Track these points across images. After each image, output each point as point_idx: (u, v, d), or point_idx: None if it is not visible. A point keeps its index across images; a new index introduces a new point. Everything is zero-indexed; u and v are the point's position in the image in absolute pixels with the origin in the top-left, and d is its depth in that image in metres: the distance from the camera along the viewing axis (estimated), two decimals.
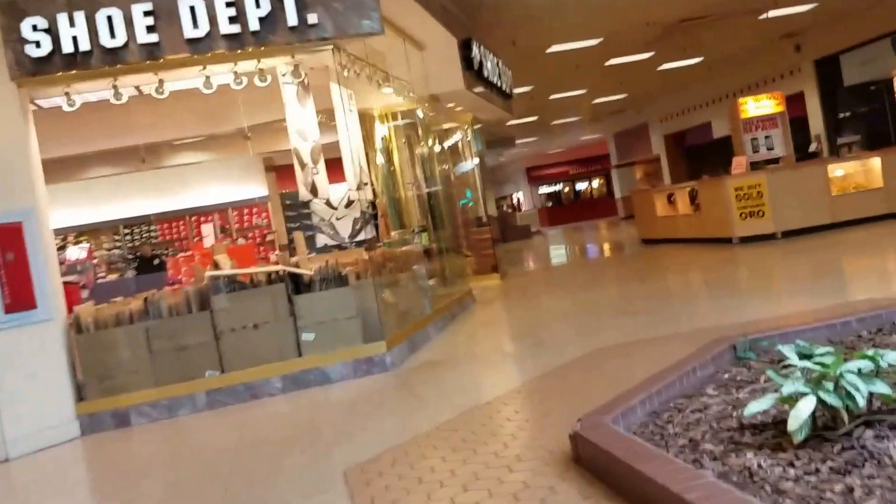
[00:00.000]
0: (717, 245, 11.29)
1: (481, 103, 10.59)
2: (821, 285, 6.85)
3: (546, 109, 23.81)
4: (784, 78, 19.16)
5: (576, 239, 22.40)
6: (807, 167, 10.86)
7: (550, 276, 12.22)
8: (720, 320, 5.67)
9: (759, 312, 5.77)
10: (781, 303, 6.21)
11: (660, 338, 5.34)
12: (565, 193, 40.58)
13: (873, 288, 6.31)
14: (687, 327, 5.65)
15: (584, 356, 5.11)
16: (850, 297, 6.01)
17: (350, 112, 7.66)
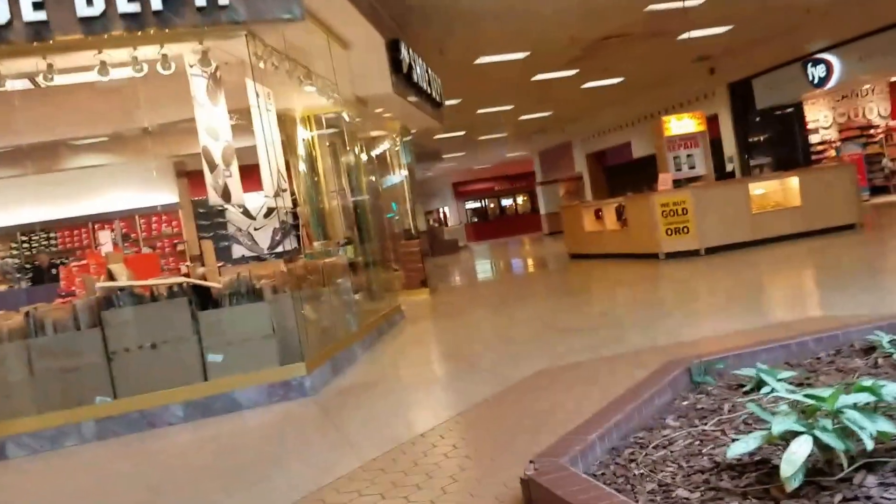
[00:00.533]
0: (643, 260, 11.09)
1: (410, 110, 10.04)
2: (756, 302, 6.60)
3: (474, 124, 23.54)
4: (700, 101, 19.53)
5: (503, 254, 22.12)
6: (729, 185, 10.82)
7: (481, 291, 11.75)
8: (661, 339, 5.27)
9: (699, 330, 5.41)
10: (719, 320, 5.89)
11: (603, 359, 4.87)
12: (491, 209, 40.53)
13: (810, 306, 6.09)
14: (628, 347, 5.22)
15: (526, 380, 4.59)
16: (790, 314, 5.74)
17: (268, 112, 6.97)
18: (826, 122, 17.88)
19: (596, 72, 17.46)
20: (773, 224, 10.48)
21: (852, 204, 10.53)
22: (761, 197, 10.68)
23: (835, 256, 8.78)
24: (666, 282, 9.13)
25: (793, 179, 10.62)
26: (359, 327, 7.40)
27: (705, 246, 10.46)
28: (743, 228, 10.46)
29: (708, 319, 6.02)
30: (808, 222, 10.47)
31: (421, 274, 11.42)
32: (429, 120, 11.32)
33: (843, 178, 10.56)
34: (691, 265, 9.93)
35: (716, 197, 10.51)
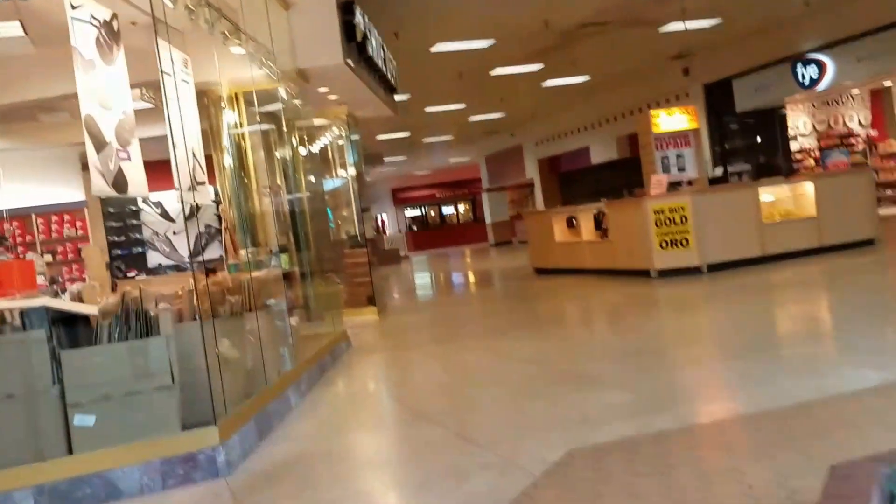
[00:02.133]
0: (631, 279, 9.80)
1: (361, 93, 8.47)
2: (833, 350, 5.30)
3: (420, 125, 22.08)
4: (671, 102, 18.61)
5: (452, 266, 20.63)
6: (736, 190, 9.64)
7: (441, 312, 10.20)
8: (727, 400, 3.88)
9: (777, 389, 4.03)
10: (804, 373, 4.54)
11: (663, 434, 3.41)
12: (431, 217, 39.11)
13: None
14: (688, 413, 3.80)
15: (554, 471, 3.07)
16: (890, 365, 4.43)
17: (184, 83, 5.30)
18: (805, 129, 17.22)
19: (562, 66, 16.27)
20: (784, 237, 9.36)
21: (870, 216, 9.53)
22: (770, 205, 9.56)
23: (874, 286, 7.67)
24: (672, 309, 7.82)
25: (807, 186, 9.54)
26: (295, 364, 5.76)
27: (707, 262, 9.24)
28: (751, 242, 9.30)
29: (775, 372, 4.65)
30: (823, 236, 9.40)
31: (368, 289, 9.81)
32: (381, 107, 9.76)
33: (860, 186, 9.56)
34: (695, 286, 8.67)
35: (720, 203, 9.32)
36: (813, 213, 9.43)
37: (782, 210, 9.62)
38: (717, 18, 13.61)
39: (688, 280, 9.08)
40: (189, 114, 5.22)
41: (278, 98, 7.05)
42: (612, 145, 21.66)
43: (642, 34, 14.29)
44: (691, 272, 9.29)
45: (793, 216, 9.58)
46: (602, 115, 21.49)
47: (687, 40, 15.08)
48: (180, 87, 5.10)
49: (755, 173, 15.93)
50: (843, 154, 15.44)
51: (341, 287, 10.01)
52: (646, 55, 16.50)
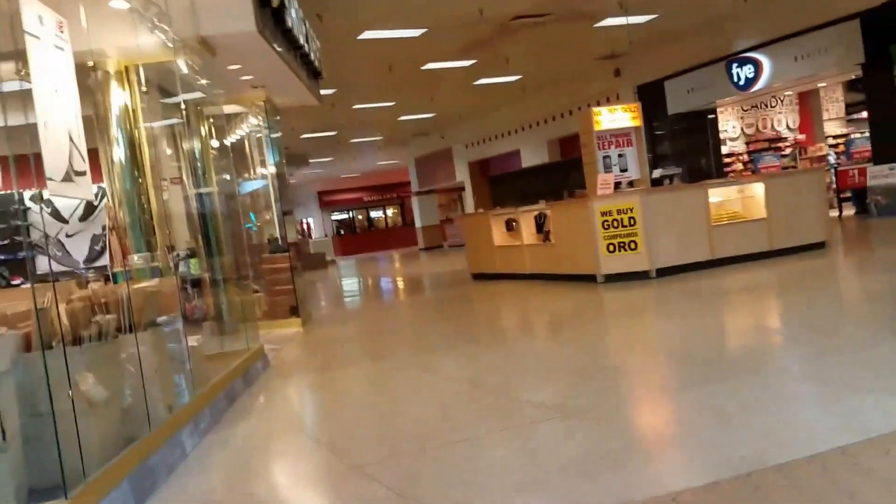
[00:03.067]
0: (576, 284, 9.00)
1: (281, 73, 7.33)
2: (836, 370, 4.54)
3: (347, 124, 20.91)
4: (602, 105, 18.12)
5: (382, 271, 19.53)
6: (684, 191, 8.96)
7: (373, 323, 9.12)
8: (736, 444, 3.02)
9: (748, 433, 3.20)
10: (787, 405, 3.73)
11: (697, 491, 2.50)
12: (359, 221, 37.85)
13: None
14: (712, 458, 2.91)
15: None
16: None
17: (58, 50, 4.12)
18: (734, 132, 16.99)
19: (495, 64, 15.49)
20: (734, 241, 8.74)
21: (821, 218, 9.03)
22: (718, 206, 8.94)
23: (833, 294, 7.07)
24: (628, 318, 7.02)
25: (756, 186, 8.96)
26: (194, 395, 4.61)
27: (656, 266, 8.53)
28: (701, 245, 8.63)
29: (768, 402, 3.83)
30: (773, 239, 8.83)
31: (291, 297, 8.66)
32: (304, 93, 8.63)
33: (811, 187, 9.05)
34: (645, 292, 7.93)
35: (670, 205, 8.63)
36: (762, 214, 8.85)
37: (730, 212, 9.02)
38: (654, 14, 13.08)
39: (636, 285, 8.33)
40: (65, 87, 4.05)
41: (178, 74, 5.85)
42: (542, 148, 21.07)
43: (577, 30, 13.65)
44: (640, 277, 8.56)
45: (741, 218, 8.99)
46: (533, 117, 20.88)
47: (620, 39, 14.54)
48: (52, 53, 3.90)
49: (686, 177, 15.56)
50: (775, 157, 15.20)
51: (261, 296, 8.82)
52: (578, 55, 15.92)
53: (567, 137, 20.24)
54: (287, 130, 21.41)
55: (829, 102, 17.17)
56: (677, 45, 14.84)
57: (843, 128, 17.25)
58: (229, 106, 8.76)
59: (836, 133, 17.09)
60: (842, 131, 17.16)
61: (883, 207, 11.83)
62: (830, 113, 17.19)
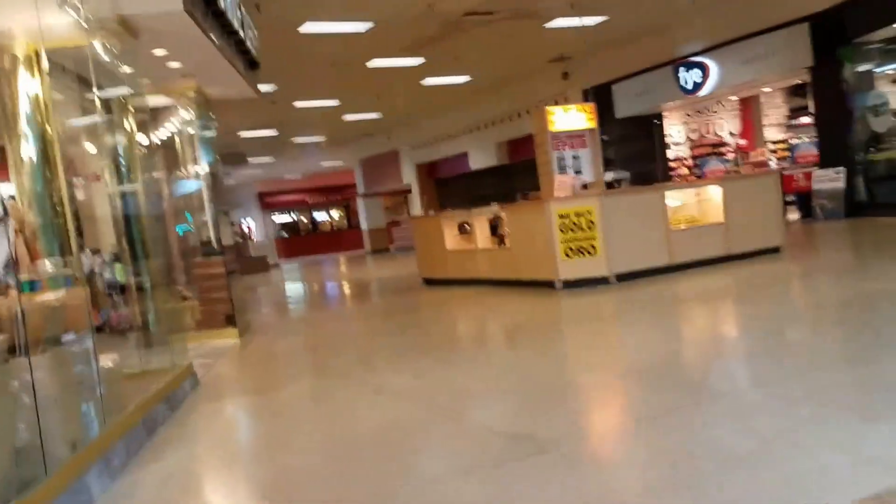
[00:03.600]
0: (532, 290, 8.53)
1: (214, 61, 6.61)
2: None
3: (289, 122, 20.07)
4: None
5: (328, 275, 18.74)
6: (643, 193, 8.57)
7: (314, 332, 8.42)
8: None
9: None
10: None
11: None
12: (303, 223, 36.80)
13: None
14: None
15: None
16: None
17: None
18: (679, 137, 16.90)
19: (444, 63, 14.98)
20: (692, 245, 8.42)
21: (778, 222, 8.80)
22: (675, 211, 8.61)
23: (794, 302, 6.79)
24: (588, 327, 6.57)
25: (714, 189, 8.66)
26: (105, 426, 3.90)
27: (615, 272, 8.12)
28: (660, 250, 8.27)
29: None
30: (730, 244, 8.54)
31: (226, 306, 7.92)
32: (240, 84, 7.91)
33: (768, 190, 8.80)
34: (605, 299, 7.51)
35: (628, 208, 8.23)
36: (720, 218, 8.56)
37: (688, 216, 8.70)
38: (604, 16, 12.79)
39: (596, 292, 7.91)
40: None
41: (94, 59, 5.10)
42: (491, 151, 20.67)
43: (527, 30, 13.25)
44: (599, 283, 8.14)
45: (698, 222, 8.68)
46: (481, 119, 20.45)
47: (569, 41, 14.23)
48: None
49: (633, 181, 15.37)
50: (721, 162, 15.13)
51: (194, 304, 8.05)
52: (528, 56, 15.56)
53: (516, 140, 19.89)
54: (224, 127, 20.43)
55: (769, 108, 17.27)
56: (626, 48, 14.62)
57: (782, 133, 17.37)
58: (157, 97, 7.97)
59: (776, 138, 17.20)
60: (781, 137, 17.28)
61: (829, 211, 11.78)
62: (770, 119, 17.30)
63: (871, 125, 11.07)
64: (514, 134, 19.51)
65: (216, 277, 7.77)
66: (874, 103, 10.93)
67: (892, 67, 11.17)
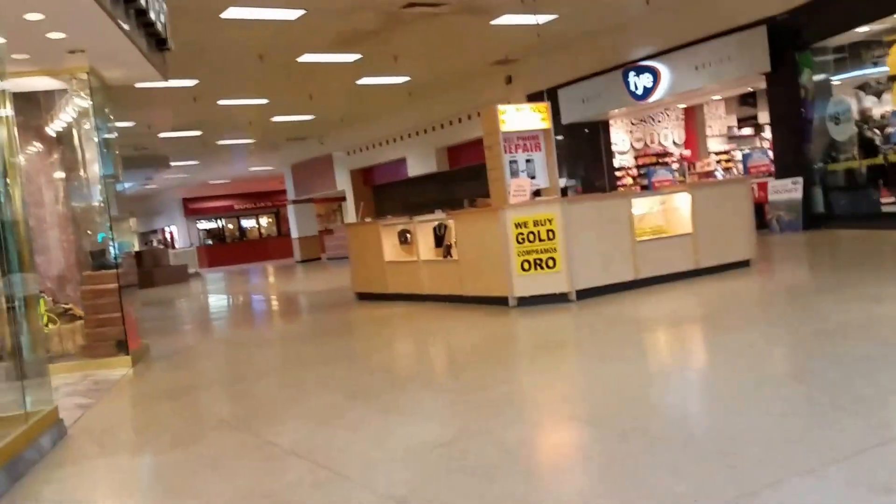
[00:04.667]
0: (483, 308, 7.44)
1: (105, 34, 5.25)
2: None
3: (213, 123, 18.46)
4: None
5: (252, 286, 17.16)
6: (607, 200, 7.58)
7: (225, 361, 7.02)
8: None
9: None
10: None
11: None
12: (229, 230, 34.81)
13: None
14: None
15: None
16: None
17: None
18: (624, 146, 16.23)
19: (381, 60, 13.81)
20: (659, 258, 7.50)
21: (747, 233, 7.99)
22: (640, 220, 7.68)
23: (773, 329, 5.91)
24: (547, 356, 5.50)
25: (681, 197, 7.77)
26: None
27: (577, 288, 7.11)
28: (624, 263, 7.32)
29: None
30: (699, 256, 7.68)
31: (118, 329, 6.48)
32: (143, 65, 6.52)
33: (737, 198, 7.99)
34: (565, 319, 6.48)
35: (592, 216, 7.24)
36: (688, 229, 7.69)
37: (654, 226, 7.80)
38: (554, 14, 11.91)
39: (555, 310, 6.87)
40: None
41: None
42: (430, 157, 19.59)
43: (472, 27, 12.25)
44: (558, 300, 7.11)
45: (664, 233, 7.79)
46: (420, 123, 19.35)
47: (516, 41, 13.32)
48: None
49: (584, 190, 14.58)
50: (668, 171, 14.48)
51: (76, 326, 6.59)
52: (471, 57, 14.58)
53: (456, 146, 18.89)
54: (143, 128, 18.67)
55: (712, 119, 16.84)
56: (573, 51, 13.82)
57: (725, 144, 16.97)
58: (39, 79, 6.51)
59: (719, 149, 16.77)
60: (724, 147, 16.87)
61: (786, 223, 11.18)
62: (713, 129, 16.86)
63: (832, 133, 10.52)
64: (454, 139, 18.51)
65: (106, 294, 6.34)
66: (835, 111, 10.38)
67: (852, 74, 10.67)
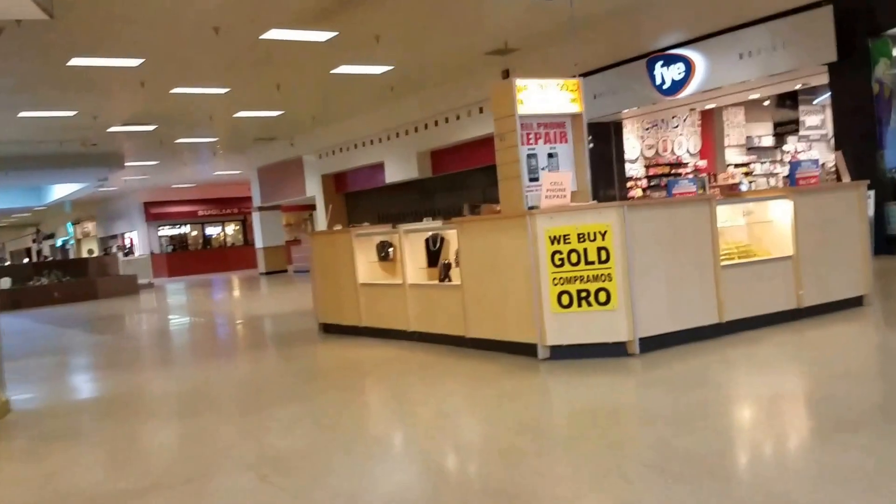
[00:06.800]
0: (497, 358, 5.04)
1: None
2: None
3: (167, 115, 15.84)
4: (484, 113, 14.61)
5: (200, 304, 14.47)
6: (686, 206, 5.18)
7: (117, 438, 4.45)
8: None
9: None
10: None
11: None
12: (193, 237, 31.96)
13: None
14: None
15: None
16: None
17: None
18: (633, 153, 14.01)
19: (361, 42, 11.40)
20: (749, 292, 5.18)
21: (861, 258, 5.70)
22: (723, 235, 5.34)
23: None
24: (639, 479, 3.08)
25: (782, 204, 5.46)
26: None
27: (641, 335, 4.74)
28: (706, 299, 4.97)
29: None
30: (802, 291, 5.36)
31: None
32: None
33: (848, 211, 5.71)
34: (628, 390, 4.12)
35: (661, 227, 4.89)
36: (787, 250, 5.38)
37: (737, 244, 5.47)
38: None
39: (608, 368, 4.51)
40: None
41: None
42: (411, 162, 17.16)
43: (467, 4, 9.97)
44: (613, 352, 4.74)
45: (752, 254, 5.47)
46: (401, 123, 16.93)
47: (515, 27, 11.04)
48: None
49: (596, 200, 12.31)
50: (692, 183, 12.24)
51: None
52: (463, 44, 12.24)
53: (441, 150, 16.51)
54: (87, 119, 16.05)
55: (730, 127, 14.73)
56: (584, 38, 11.54)
57: (743, 155, 14.86)
58: None
59: (737, 161, 14.65)
60: (742, 160, 14.76)
61: None
62: (731, 139, 14.75)
63: None
64: (438, 142, 16.13)
65: None
66: None
67: None
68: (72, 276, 18.02)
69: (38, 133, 16.68)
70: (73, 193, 26.04)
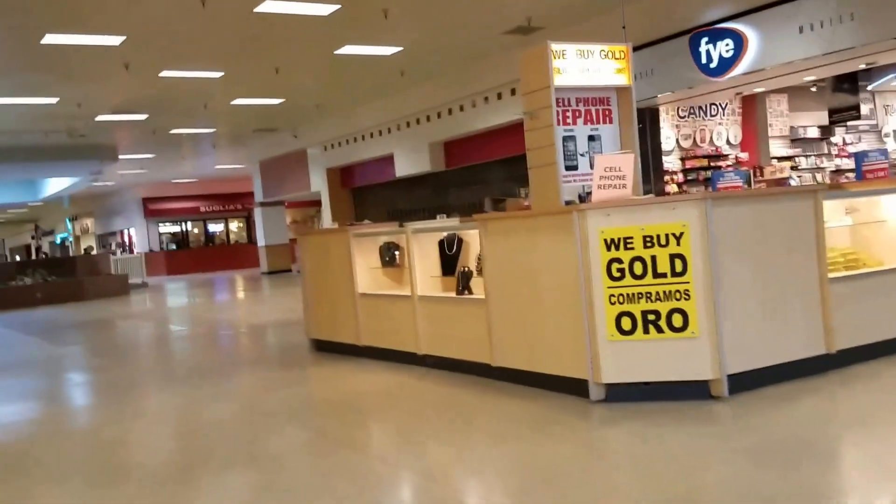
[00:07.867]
0: (531, 395, 3.90)
1: None
2: None
3: (159, 103, 14.78)
4: (503, 98, 13.44)
5: (189, 309, 13.37)
6: (779, 200, 3.96)
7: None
8: None
9: None
10: None
11: None
12: (194, 235, 31.02)
13: None
14: None
15: None
16: None
17: None
18: (668, 144, 12.79)
19: (368, 18, 10.27)
20: (864, 313, 4.00)
21: None
22: (831, 238, 4.15)
23: None
24: None
25: (893, 202, 4.29)
26: None
27: (730, 371, 3.57)
28: (810, 323, 3.80)
29: None
30: None
31: None
32: None
33: None
34: (714, 451, 2.96)
35: (750, 228, 3.72)
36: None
37: (846, 252, 4.28)
38: None
39: (685, 418, 3.37)
40: None
41: None
42: (423, 154, 16.00)
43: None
44: (689, 393, 3.58)
45: (862, 264, 4.28)
46: (412, 111, 15.78)
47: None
48: None
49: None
50: (739, 176, 11.03)
51: None
52: (481, 20, 11.06)
53: (455, 141, 15.37)
54: (71, 107, 15.02)
55: (773, 117, 13.47)
56: (616, 14, 10.34)
57: (787, 148, 13.60)
58: None
59: (780, 154, 13.40)
60: (786, 152, 13.50)
61: None
62: (773, 130, 13.49)
63: None
64: (453, 132, 14.97)
65: None
66: None
67: None
68: (58, 276, 17.02)
69: (20, 122, 15.67)
70: (68, 188, 25.15)
